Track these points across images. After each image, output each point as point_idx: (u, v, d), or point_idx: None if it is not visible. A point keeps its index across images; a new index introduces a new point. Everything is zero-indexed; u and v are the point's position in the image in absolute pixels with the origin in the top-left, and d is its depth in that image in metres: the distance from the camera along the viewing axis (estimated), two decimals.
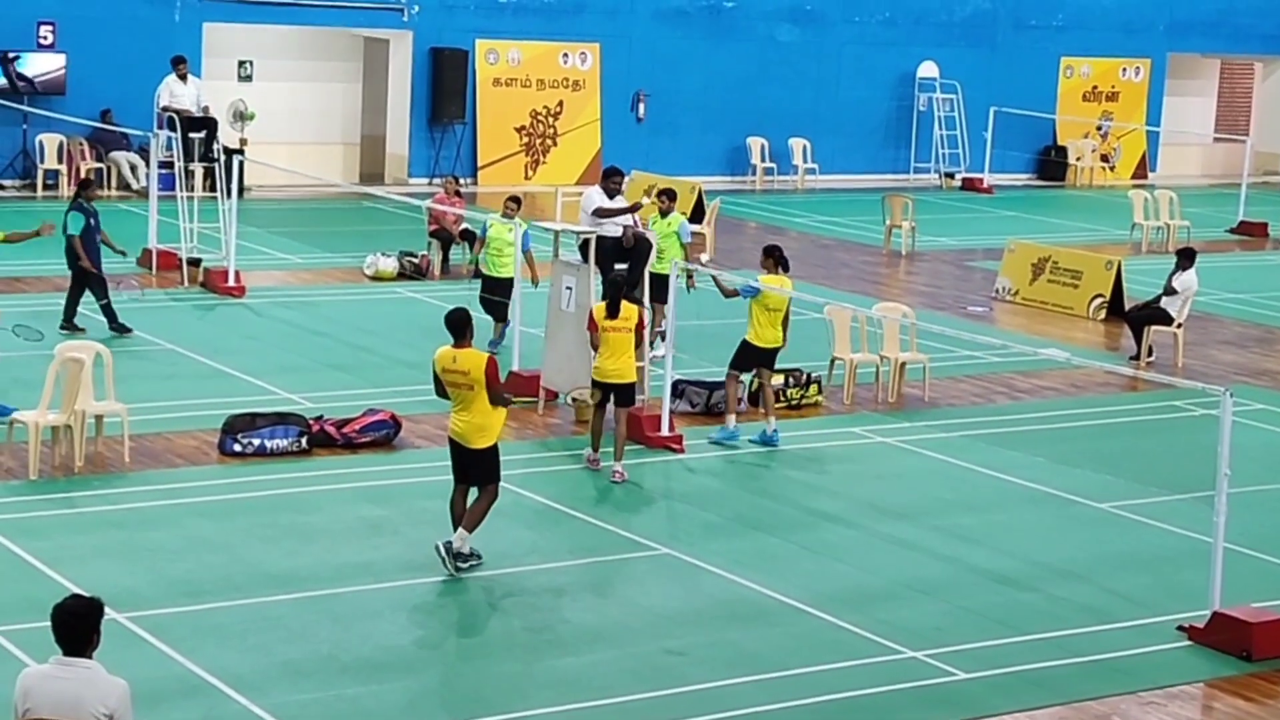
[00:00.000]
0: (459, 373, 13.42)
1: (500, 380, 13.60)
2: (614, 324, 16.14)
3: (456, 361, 13.45)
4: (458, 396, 13.51)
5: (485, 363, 13.40)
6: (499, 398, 13.50)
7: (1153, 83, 44.77)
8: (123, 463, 15.96)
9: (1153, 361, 22.44)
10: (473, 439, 13.50)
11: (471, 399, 13.42)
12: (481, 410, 13.42)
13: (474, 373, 13.36)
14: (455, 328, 13.56)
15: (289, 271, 26.47)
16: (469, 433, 13.50)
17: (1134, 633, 13.14)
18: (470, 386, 13.39)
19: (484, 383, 13.35)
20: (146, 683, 10.39)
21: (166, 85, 29.27)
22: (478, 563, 13.52)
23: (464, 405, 13.49)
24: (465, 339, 13.52)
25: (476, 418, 13.45)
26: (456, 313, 13.68)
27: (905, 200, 31.58)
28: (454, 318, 13.63)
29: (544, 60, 37.38)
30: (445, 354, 13.55)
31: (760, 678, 11.93)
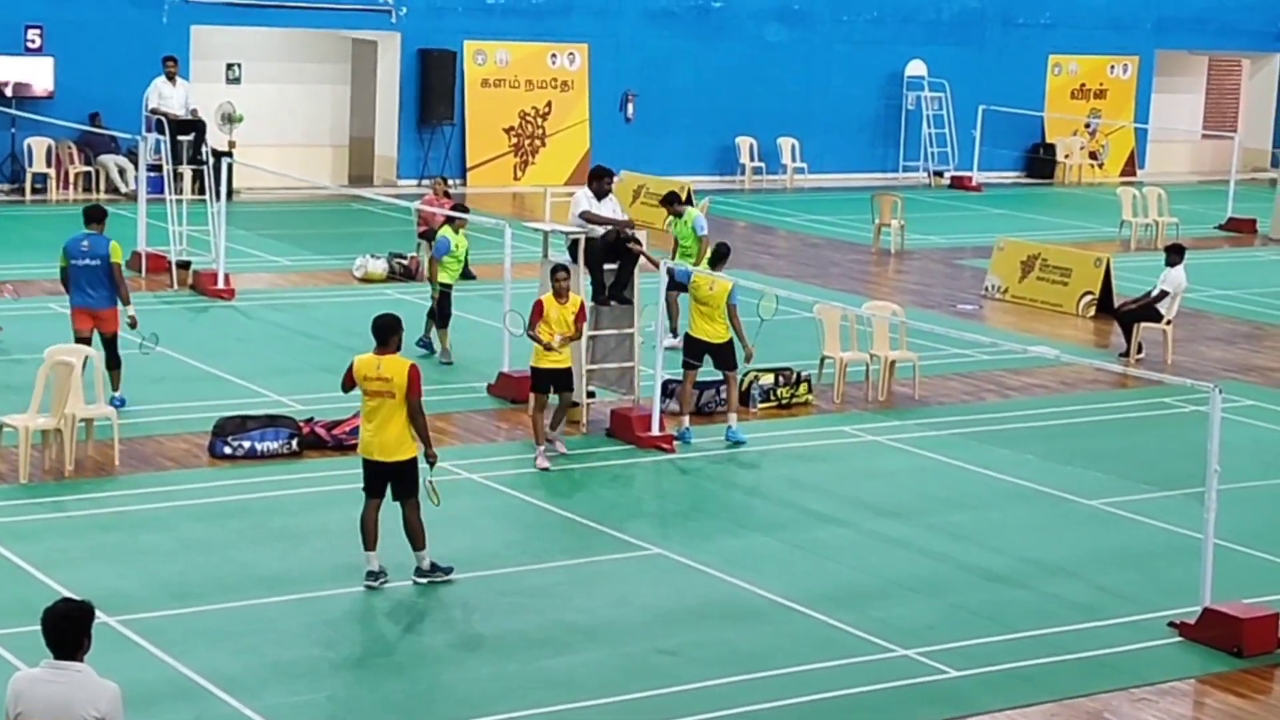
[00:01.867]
0: (381, 379, 13.01)
1: (420, 390, 13.07)
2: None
3: (380, 369, 13.04)
4: (374, 407, 13.06)
5: (408, 370, 12.99)
6: (418, 409, 13.02)
7: (1141, 80, 44.84)
8: (113, 466, 15.95)
9: (1142, 358, 22.47)
10: (390, 451, 13.09)
11: (392, 409, 13.01)
12: (402, 421, 13.03)
13: (396, 380, 12.95)
14: (381, 332, 13.15)
15: (278, 274, 26.46)
16: (386, 445, 13.07)
17: (1125, 629, 13.16)
18: (391, 394, 12.98)
19: (404, 390, 12.95)
20: (138, 685, 10.39)
21: (155, 88, 29.25)
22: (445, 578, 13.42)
23: (383, 416, 13.04)
24: (390, 346, 13.13)
25: (396, 428, 13.03)
26: (386, 318, 13.27)
27: (894, 199, 31.61)
28: (383, 323, 13.20)
29: (532, 61, 37.38)
30: (367, 361, 13.16)
31: (752, 676, 11.94)
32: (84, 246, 17.77)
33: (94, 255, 17.69)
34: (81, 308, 17.71)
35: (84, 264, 17.70)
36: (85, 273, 17.68)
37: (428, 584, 13.29)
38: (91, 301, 17.69)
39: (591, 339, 18.13)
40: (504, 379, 19.05)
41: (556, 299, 16.52)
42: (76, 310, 17.77)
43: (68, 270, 17.77)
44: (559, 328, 16.47)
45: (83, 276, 17.69)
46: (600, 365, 18.30)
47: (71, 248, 17.82)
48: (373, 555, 13.28)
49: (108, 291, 17.68)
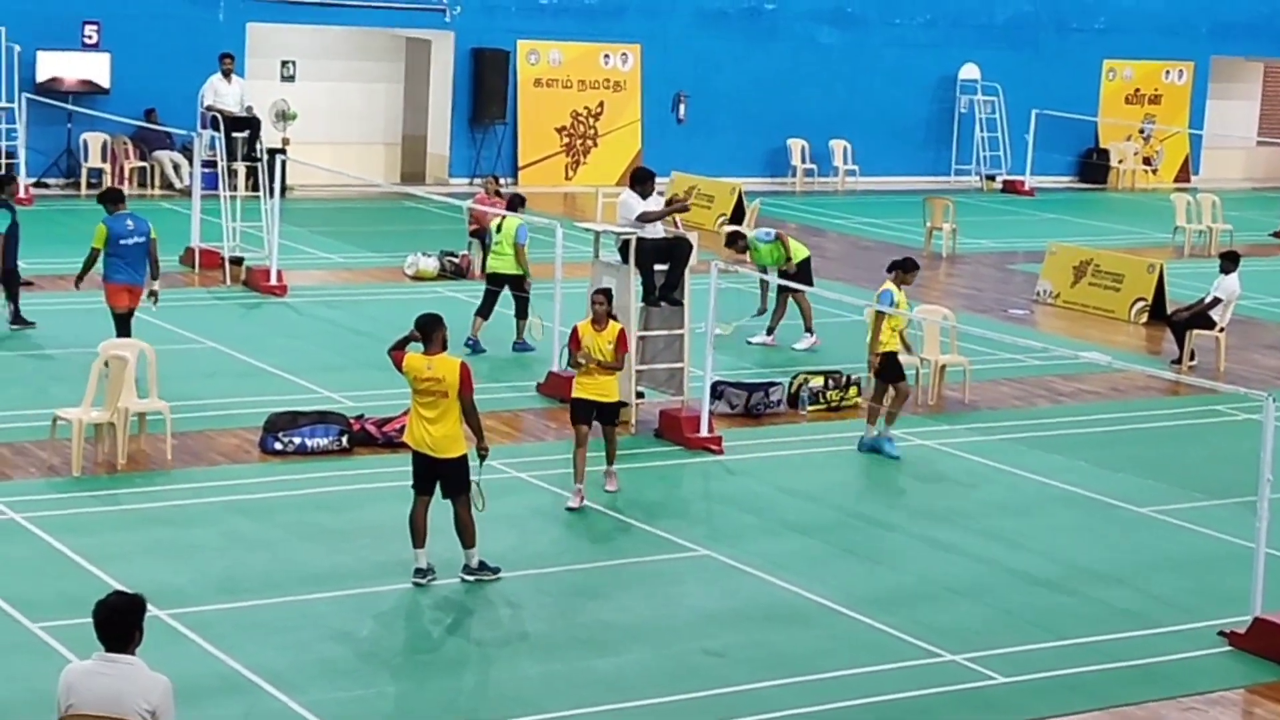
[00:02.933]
0: (432, 379, 13.07)
1: (472, 387, 13.12)
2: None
3: (431, 368, 13.09)
4: (428, 405, 13.12)
5: (458, 368, 13.04)
6: (471, 406, 13.09)
7: (1195, 85, 44.59)
8: (165, 460, 16.04)
9: (1194, 365, 22.35)
10: (442, 449, 13.15)
11: (446, 407, 13.07)
12: (455, 419, 13.09)
13: (448, 379, 13.01)
14: (426, 332, 13.20)
15: (330, 271, 26.57)
16: (439, 443, 13.13)
17: (1174, 638, 13.09)
18: (445, 394, 13.04)
19: (456, 389, 13.03)
20: (188, 679, 10.43)
21: (210, 85, 29.41)
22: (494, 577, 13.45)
23: (437, 414, 13.11)
24: (435, 344, 13.18)
25: (449, 427, 13.09)
26: (428, 317, 13.31)
27: (946, 202, 31.52)
28: (426, 322, 13.25)
29: (585, 61, 37.42)
30: (418, 360, 13.21)
31: (799, 680, 11.93)
32: (129, 225, 18.56)
33: (140, 233, 18.53)
34: (125, 284, 18.52)
35: (133, 242, 18.51)
36: (134, 251, 18.50)
37: (475, 582, 13.32)
38: (136, 278, 18.58)
39: (641, 340, 18.14)
40: (553, 378, 19.08)
41: (593, 325, 15.43)
42: (120, 287, 18.52)
43: (101, 252, 18.49)
44: (596, 356, 15.36)
45: (131, 254, 18.49)
46: (649, 366, 18.31)
47: (118, 228, 18.51)
48: (421, 553, 13.32)
49: (145, 268, 18.58)
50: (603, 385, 15.36)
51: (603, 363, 15.28)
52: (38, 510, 14.48)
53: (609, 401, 15.48)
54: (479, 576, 13.36)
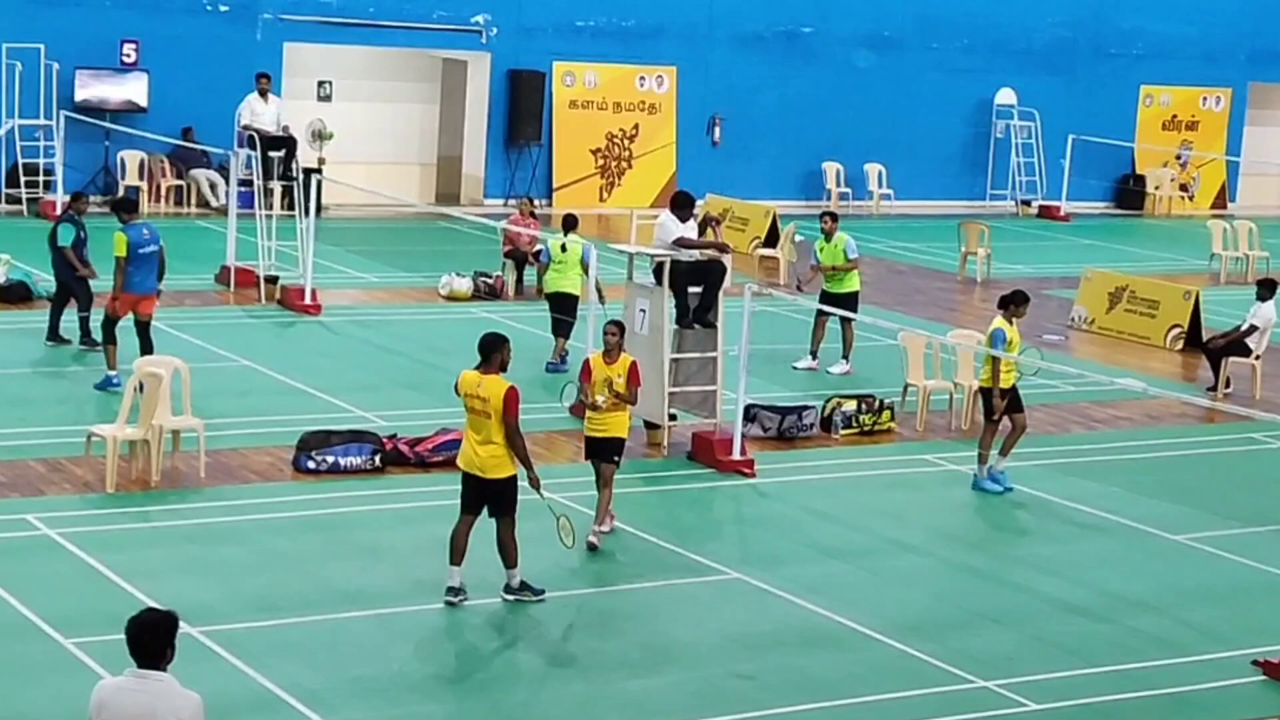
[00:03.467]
0: (479, 399, 13.13)
1: (518, 412, 13.11)
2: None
3: (480, 387, 13.14)
4: (476, 424, 13.18)
5: (505, 392, 13.03)
6: (514, 429, 13.08)
7: (1233, 112, 44.44)
8: (198, 478, 16.09)
9: (1230, 393, 22.26)
10: (490, 469, 13.19)
11: (490, 428, 13.11)
12: (496, 437, 13.09)
13: (493, 401, 13.03)
14: (484, 351, 13.23)
15: (365, 290, 26.63)
16: (486, 463, 13.18)
17: (1207, 666, 13.02)
18: (488, 415, 13.09)
19: (500, 413, 13.04)
20: (219, 697, 10.44)
21: (247, 104, 29.51)
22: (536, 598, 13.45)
23: (482, 433, 13.17)
24: (492, 365, 13.18)
25: (494, 448, 13.13)
26: (489, 336, 13.36)
27: (981, 227, 31.46)
28: (485, 341, 13.30)
29: (620, 83, 37.49)
30: (470, 378, 13.27)
31: (829, 704, 11.90)
32: (146, 235, 19.11)
33: (155, 241, 19.15)
34: (140, 293, 19.02)
35: (149, 250, 19.08)
36: (150, 260, 19.06)
37: (515, 601, 13.30)
38: (151, 286, 19.15)
39: (675, 362, 18.14)
40: None
41: (605, 357, 15.04)
42: (132, 297, 18.98)
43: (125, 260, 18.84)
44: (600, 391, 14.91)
45: (147, 263, 19.03)
46: (682, 388, 18.30)
47: (136, 237, 19.00)
48: (456, 570, 13.32)
49: (156, 277, 19.11)
50: (606, 421, 14.88)
51: (619, 395, 14.87)
52: (72, 526, 14.53)
53: (610, 437, 14.90)
54: (519, 597, 13.35)
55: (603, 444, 14.85)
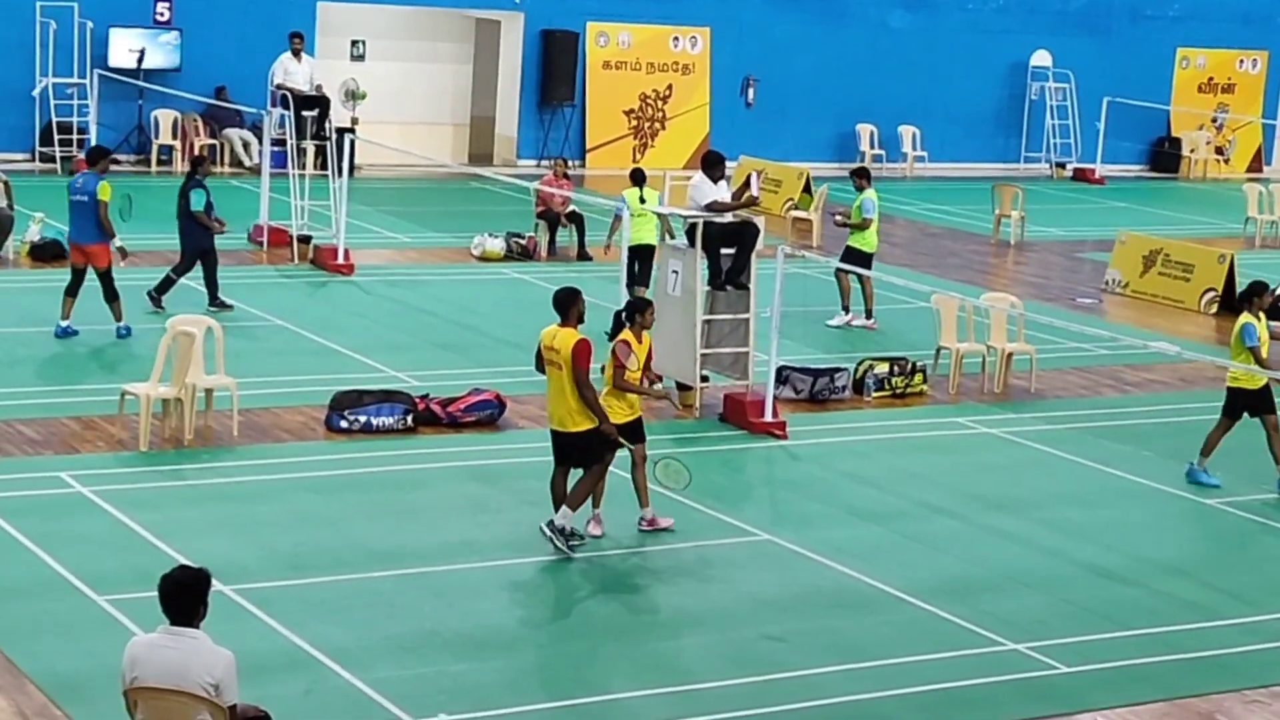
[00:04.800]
0: (553, 350, 13.34)
1: (588, 365, 13.25)
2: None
3: (555, 339, 13.38)
4: (552, 377, 13.42)
5: (575, 343, 13.22)
6: (582, 382, 13.20)
7: (1270, 75, 44.14)
8: (231, 437, 16.14)
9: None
10: (566, 422, 13.40)
11: (561, 380, 13.31)
12: (572, 393, 13.27)
13: (564, 352, 13.22)
14: (557, 306, 13.51)
15: (397, 250, 26.66)
16: (562, 415, 13.40)
17: (1240, 631, 13.00)
18: (559, 366, 13.28)
19: (570, 363, 13.19)
20: (251, 655, 10.50)
21: (281, 63, 29.51)
22: (580, 542, 13.53)
23: (555, 387, 13.40)
24: (569, 319, 13.41)
25: (568, 399, 13.31)
26: (561, 291, 13.62)
27: (1015, 190, 31.35)
28: (558, 296, 13.58)
29: (654, 43, 37.38)
30: (548, 331, 13.52)
31: (860, 666, 11.91)
32: (78, 184, 19.41)
33: (84, 192, 19.26)
34: (74, 243, 19.49)
35: (75, 199, 19.41)
36: (75, 209, 19.39)
37: (550, 538, 13.35)
38: (79, 236, 19.37)
39: (707, 324, 18.11)
40: None
41: (638, 336, 14.22)
42: (70, 245, 19.59)
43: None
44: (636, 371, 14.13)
45: (74, 212, 19.39)
46: (714, 350, 18.27)
47: (69, 185, 19.52)
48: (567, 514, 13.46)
49: (94, 227, 19.17)
50: (633, 402, 14.12)
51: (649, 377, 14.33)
52: (105, 484, 14.60)
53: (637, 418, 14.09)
54: (554, 538, 13.40)
55: (636, 426, 14.18)
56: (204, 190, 20.89)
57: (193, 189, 20.89)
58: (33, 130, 31.62)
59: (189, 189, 20.92)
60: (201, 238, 20.88)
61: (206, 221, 20.77)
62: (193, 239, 20.93)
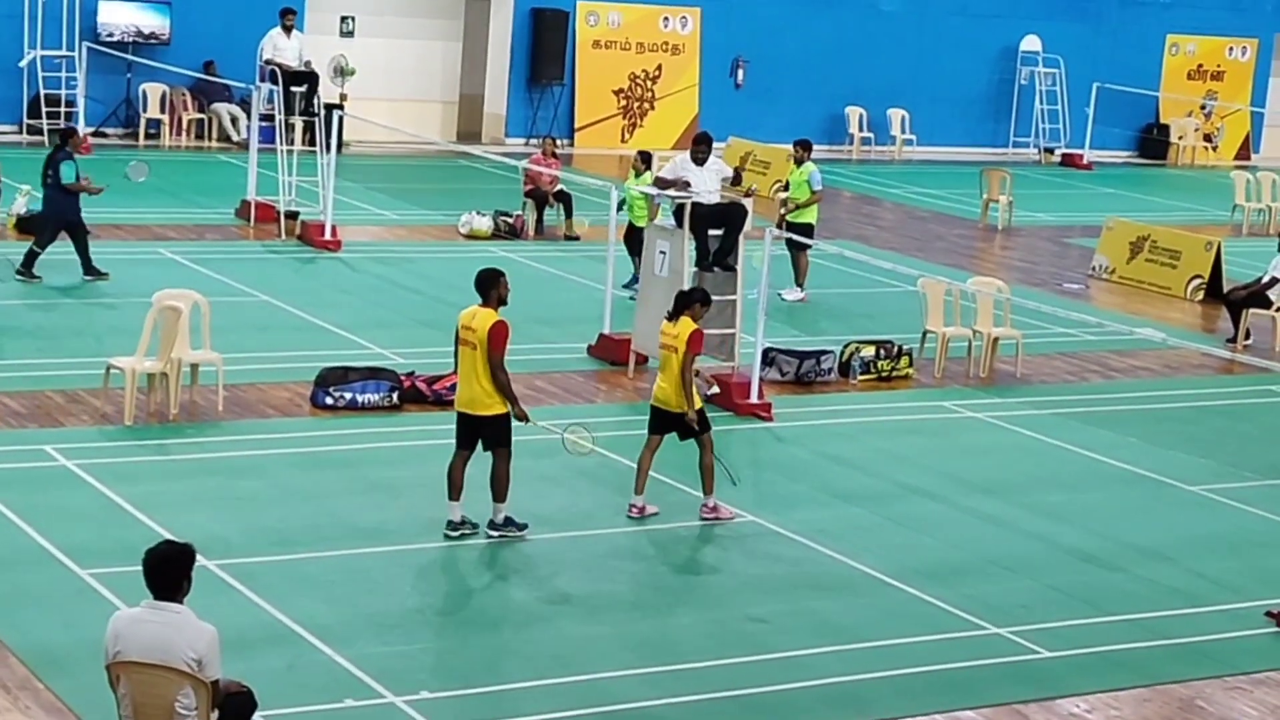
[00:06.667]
0: (469, 330, 13.11)
1: (503, 348, 13.02)
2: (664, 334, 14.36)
3: (474, 319, 13.15)
4: (464, 357, 13.16)
5: (492, 325, 13.01)
6: (496, 364, 12.98)
7: (1259, 63, 44.19)
8: (216, 412, 16.12)
9: (1249, 345, 22.21)
10: (475, 404, 13.16)
11: (474, 361, 13.06)
12: (484, 375, 13.04)
13: (480, 333, 13.00)
14: (479, 286, 13.24)
15: (385, 227, 26.62)
16: (471, 397, 13.16)
17: (1221, 617, 13.03)
18: (474, 346, 13.05)
19: (485, 344, 12.99)
20: (234, 630, 10.51)
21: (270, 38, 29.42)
22: (519, 533, 13.44)
23: (466, 368, 13.16)
24: (489, 300, 13.16)
25: (480, 381, 13.07)
26: (483, 272, 13.36)
27: (1003, 174, 31.36)
28: (480, 276, 13.30)
29: (644, 23, 37.33)
30: (467, 311, 13.31)
31: (842, 648, 11.93)
32: None
33: None
34: None
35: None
36: None
37: (500, 538, 13.31)
38: None
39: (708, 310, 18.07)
40: (604, 340, 19.10)
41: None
42: None
43: None
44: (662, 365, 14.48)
45: None
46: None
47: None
48: (455, 505, 13.38)
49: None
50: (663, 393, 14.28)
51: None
52: (90, 458, 14.58)
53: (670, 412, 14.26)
54: (503, 533, 13.35)
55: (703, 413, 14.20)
56: (74, 162, 20.86)
57: (63, 160, 20.84)
58: (20, 102, 31.51)
59: (59, 160, 20.87)
60: (67, 209, 20.81)
61: (84, 187, 20.78)
62: (59, 210, 20.85)
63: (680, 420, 14.07)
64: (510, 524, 13.44)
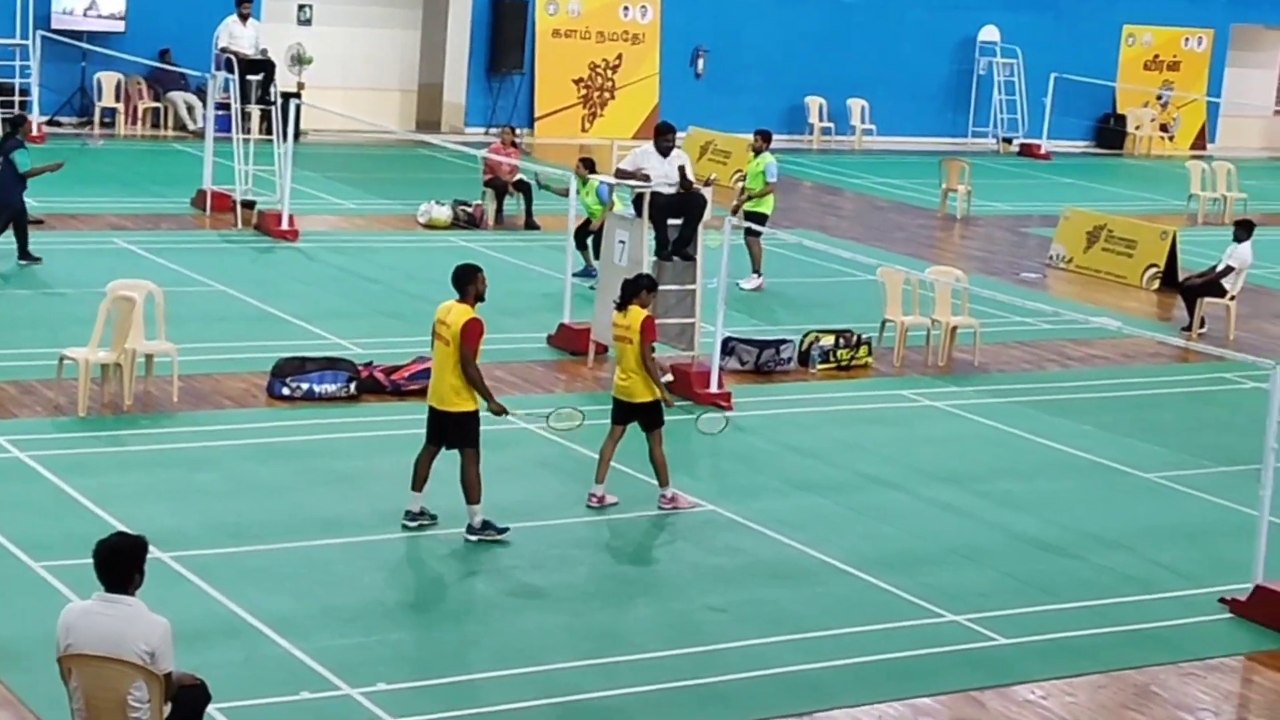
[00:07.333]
0: (444, 324, 13.03)
1: (476, 345, 12.93)
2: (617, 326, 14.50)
3: (449, 314, 13.07)
4: (438, 351, 13.10)
5: (467, 321, 12.92)
6: (467, 361, 12.90)
7: (1215, 53, 44.38)
8: (171, 403, 16.04)
9: (1204, 333, 22.30)
10: (445, 400, 13.09)
11: (445, 356, 13.00)
12: (456, 370, 12.96)
13: (454, 327, 12.92)
14: (456, 281, 13.16)
15: (343, 217, 26.53)
16: (442, 393, 13.08)
17: (1176, 604, 13.09)
18: (447, 341, 12.97)
19: (458, 340, 12.91)
20: (189, 623, 10.46)
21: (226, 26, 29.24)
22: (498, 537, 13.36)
23: (439, 362, 13.10)
24: (466, 296, 13.08)
25: (450, 377, 13.00)
26: (460, 267, 13.28)
27: (962, 164, 31.43)
28: (458, 271, 13.23)
29: (604, 12, 37.28)
30: (444, 306, 13.22)
31: (801, 637, 11.93)
32: None
33: None
34: None
35: None
36: None
37: (478, 542, 13.25)
38: None
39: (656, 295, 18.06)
40: (564, 330, 19.07)
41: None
42: None
43: None
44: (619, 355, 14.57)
45: None
46: (661, 321, 18.21)
47: None
48: (417, 496, 13.35)
49: None
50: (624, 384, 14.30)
51: None
52: (43, 450, 14.48)
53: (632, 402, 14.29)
54: (481, 536, 13.23)
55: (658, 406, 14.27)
56: (26, 150, 20.92)
57: (15, 150, 20.80)
58: None
59: (10, 149, 20.80)
60: (15, 198, 20.74)
61: (46, 168, 20.94)
62: (10, 198, 20.75)
63: (642, 410, 14.06)
64: (489, 527, 13.27)
